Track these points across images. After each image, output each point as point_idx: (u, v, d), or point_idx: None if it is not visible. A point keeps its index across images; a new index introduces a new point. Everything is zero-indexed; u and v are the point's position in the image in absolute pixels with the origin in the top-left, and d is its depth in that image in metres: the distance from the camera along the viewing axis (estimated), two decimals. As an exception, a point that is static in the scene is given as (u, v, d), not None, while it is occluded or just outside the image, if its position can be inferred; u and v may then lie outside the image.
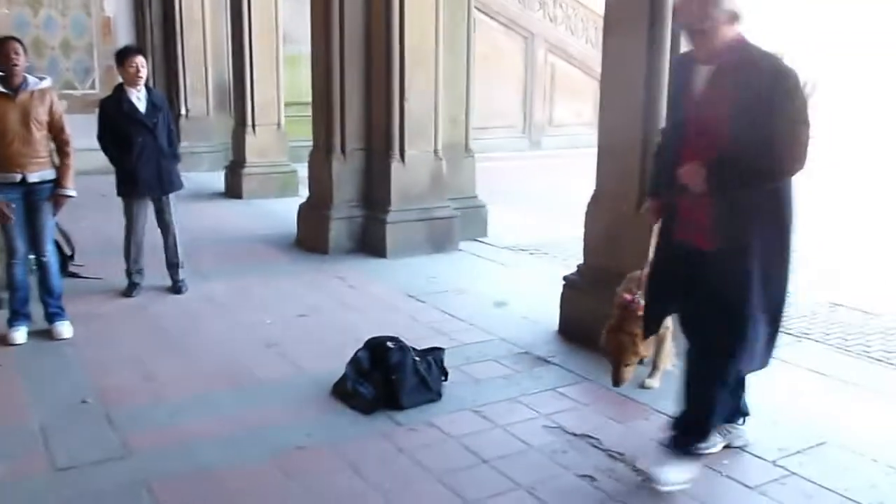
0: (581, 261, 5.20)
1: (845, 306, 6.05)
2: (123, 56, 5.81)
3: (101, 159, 5.91)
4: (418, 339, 4.69)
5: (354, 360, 4.22)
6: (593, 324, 4.76)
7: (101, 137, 5.81)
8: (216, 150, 12.23)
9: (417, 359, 4.18)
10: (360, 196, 7.42)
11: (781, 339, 5.02)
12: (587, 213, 5.11)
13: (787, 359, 4.79)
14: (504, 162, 13.66)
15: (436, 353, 4.37)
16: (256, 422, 3.91)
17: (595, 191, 5.06)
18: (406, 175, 7.19)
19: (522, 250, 7.67)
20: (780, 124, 2.93)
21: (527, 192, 10.98)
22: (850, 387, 4.45)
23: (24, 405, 4.09)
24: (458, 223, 7.54)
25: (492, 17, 16.02)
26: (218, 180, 10.94)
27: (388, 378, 4.04)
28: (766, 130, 2.92)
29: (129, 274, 6.02)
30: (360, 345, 4.40)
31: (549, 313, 5.32)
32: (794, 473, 3.44)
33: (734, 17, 3.01)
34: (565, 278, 5.20)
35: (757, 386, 3.57)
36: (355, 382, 4.09)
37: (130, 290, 5.99)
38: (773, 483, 3.36)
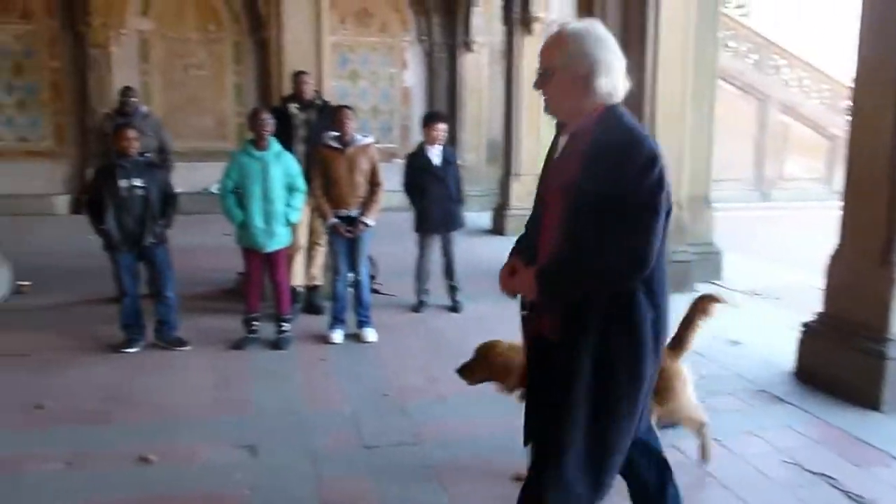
0: (817, 308, 4.78)
1: None
2: (430, 120, 6.15)
3: (396, 198, 6.28)
4: (660, 368, 4.52)
5: (606, 382, 4.15)
6: (832, 369, 4.39)
7: (406, 185, 6.18)
8: (485, 194, 12.62)
9: (662, 386, 4.04)
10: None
11: None
12: (830, 263, 4.69)
13: None
14: (736, 212, 12.88)
15: (678, 382, 4.19)
16: (517, 424, 3.95)
17: (839, 242, 4.63)
18: (650, 222, 7.01)
19: (756, 294, 7.17)
20: (613, 216, 2.07)
21: (758, 241, 10.29)
22: None
23: (339, 393, 4.42)
24: (694, 266, 7.23)
25: (729, 82, 15.31)
26: (485, 219, 11.28)
27: (636, 400, 3.93)
28: (600, 221, 2.08)
29: (418, 293, 6.33)
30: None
31: (783, 355, 4.92)
32: None
33: (585, 80, 2.14)
34: (805, 324, 4.79)
35: None
36: (606, 401, 4.02)
37: (418, 306, 6.29)
38: None
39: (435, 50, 12.90)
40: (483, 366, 3.29)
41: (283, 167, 5.11)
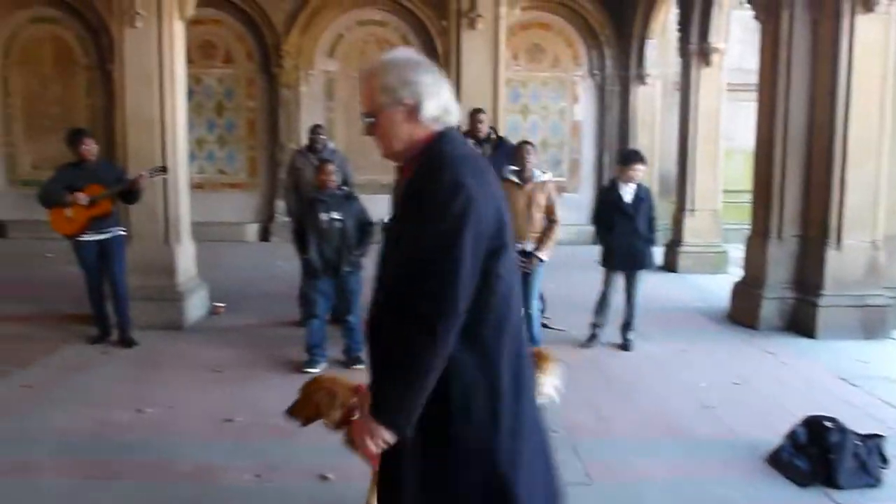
0: None
1: None
2: (629, 160, 6.03)
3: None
4: (852, 422, 4.14)
5: (792, 434, 3.88)
6: None
7: (595, 219, 6.14)
8: (657, 229, 12.29)
9: (858, 442, 3.72)
10: (792, 278, 6.87)
11: None
12: None
13: None
14: (940, 254, 11.69)
15: (876, 439, 3.84)
16: (696, 474, 3.79)
17: None
18: (841, 262, 6.52)
19: (965, 346, 6.46)
20: (410, 254, 1.79)
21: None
22: None
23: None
24: (891, 312, 6.63)
25: (933, 112, 14.00)
26: (657, 256, 10.92)
27: (826, 456, 3.65)
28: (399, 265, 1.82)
29: (592, 326, 6.17)
30: (791, 418, 4.05)
31: None
32: None
33: (415, 108, 1.90)
34: None
35: None
36: (792, 455, 3.76)
37: (589, 341, 6.14)
38: None
39: (607, 83, 12.77)
40: (306, 403, 3.11)
41: (457, 201, 5.28)
